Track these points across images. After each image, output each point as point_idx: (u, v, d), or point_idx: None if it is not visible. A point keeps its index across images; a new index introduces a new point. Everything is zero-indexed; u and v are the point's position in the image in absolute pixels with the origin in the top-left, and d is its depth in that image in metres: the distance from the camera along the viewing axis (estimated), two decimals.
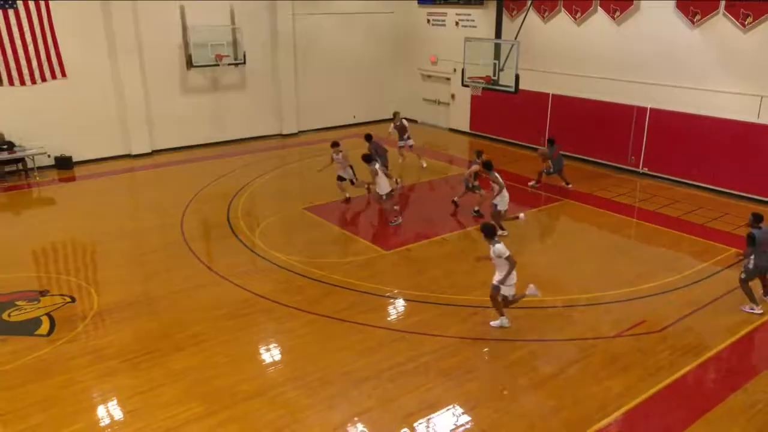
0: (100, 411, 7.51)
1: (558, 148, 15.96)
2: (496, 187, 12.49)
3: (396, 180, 14.78)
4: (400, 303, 10.24)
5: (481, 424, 7.17)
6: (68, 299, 10.28)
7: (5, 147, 16.81)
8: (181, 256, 12.02)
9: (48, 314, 9.75)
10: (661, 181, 16.80)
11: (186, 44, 19.05)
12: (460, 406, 7.47)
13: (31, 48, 16.92)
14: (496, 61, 17.33)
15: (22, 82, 17.02)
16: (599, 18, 17.74)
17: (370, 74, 23.85)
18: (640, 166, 17.33)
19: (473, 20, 21.37)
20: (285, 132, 22.14)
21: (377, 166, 13.22)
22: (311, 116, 22.60)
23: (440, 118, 24.07)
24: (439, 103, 23.93)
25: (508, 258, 8.70)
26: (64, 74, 17.57)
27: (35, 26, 16.88)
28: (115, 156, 18.85)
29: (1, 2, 16.24)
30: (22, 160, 17.18)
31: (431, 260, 11.95)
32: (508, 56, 16.99)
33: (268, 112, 21.69)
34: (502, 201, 12.58)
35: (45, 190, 16.58)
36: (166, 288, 10.68)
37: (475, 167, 13.53)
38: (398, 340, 8.96)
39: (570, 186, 15.95)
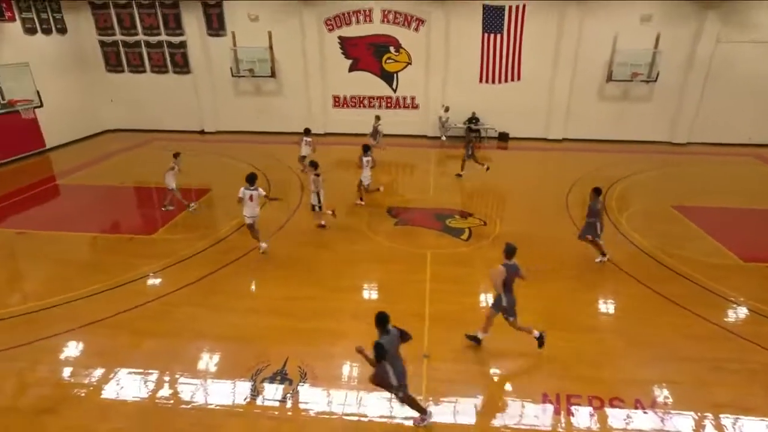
0: (482, 297, 8.19)
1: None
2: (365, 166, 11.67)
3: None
4: (742, 310, 7.91)
5: None
6: (483, 223, 11.26)
7: (475, 121, 18.89)
8: (560, 216, 11.71)
9: (469, 228, 10.90)
10: None
11: (611, 62, 17.47)
12: None
13: (503, 60, 18.15)
14: None
15: (493, 82, 18.52)
16: None
17: None
18: None
19: None
20: (675, 141, 18.59)
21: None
22: (704, 131, 18.29)
23: None
24: None
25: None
26: (519, 78, 18.37)
27: (510, 44, 17.93)
28: (535, 137, 19.14)
29: (494, 29, 17.69)
30: (478, 130, 19.06)
31: None
32: None
33: (664, 121, 18.48)
34: (365, 177, 11.74)
35: (488, 153, 17.94)
36: (544, 233, 10.64)
37: None
38: (729, 340, 7.04)
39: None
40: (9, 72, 13.21)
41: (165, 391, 6.08)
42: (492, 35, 17.81)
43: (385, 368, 5.04)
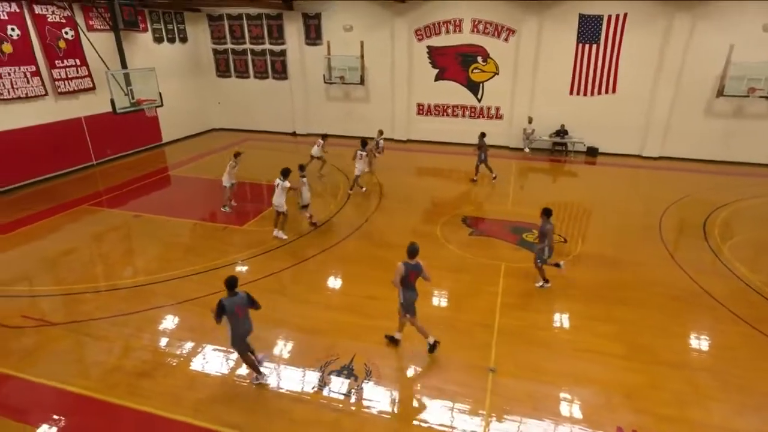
0: (555, 316, 7.76)
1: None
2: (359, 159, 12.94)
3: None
4: None
5: None
6: (563, 240, 10.65)
7: (561, 133, 17.98)
8: (652, 239, 10.73)
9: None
10: None
11: (723, 76, 15.70)
12: None
13: (598, 71, 17.09)
14: None
15: (585, 94, 17.50)
16: None
17: None
18: None
19: None
20: None
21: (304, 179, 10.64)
22: None
23: None
24: None
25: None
26: (614, 90, 17.19)
27: (607, 55, 16.85)
28: (628, 154, 17.77)
29: (589, 39, 16.73)
30: (565, 144, 18.10)
31: None
32: None
33: None
34: (359, 170, 12.96)
35: (573, 167, 17.05)
36: (630, 257, 9.82)
37: None
38: None
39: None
40: (139, 76, 15.00)
41: (243, 370, 6.51)
42: (587, 45, 16.85)
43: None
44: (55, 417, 5.74)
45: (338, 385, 6.22)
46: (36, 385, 6.23)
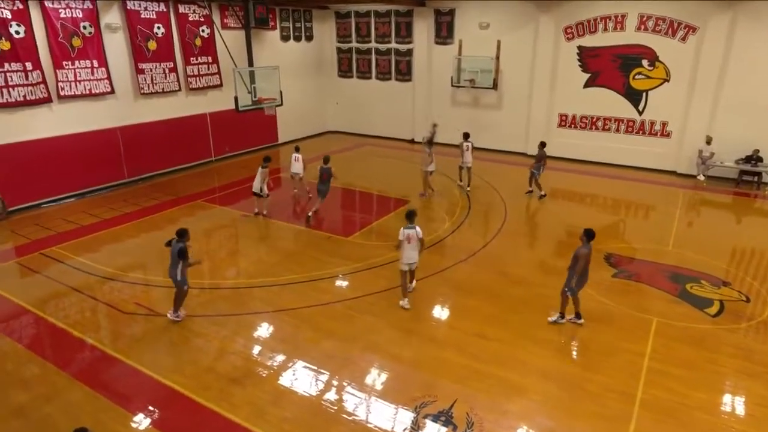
0: (725, 398, 6.75)
1: None
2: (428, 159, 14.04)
3: None
4: None
5: None
6: (744, 298, 9.25)
7: (754, 159, 15.72)
8: None
9: (721, 301, 9.09)
10: None
11: None
12: None
13: None
14: None
15: None
16: None
17: None
18: None
19: None
20: None
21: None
22: None
23: None
24: None
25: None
26: None
27: None
28: None
29: None
30: (759, 174, 15.77)
31: None
32: None
33: None
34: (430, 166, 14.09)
35: (767, 204, 14.83)
36: None
37: None
38: None
39: None
40: (263, 74, 16.71)
41: (332, 395, 6.74)
42: None
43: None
44: (150, 408, 6.53)
45: (433, 431, 6.11)
46: (138, 373, 7.17)
